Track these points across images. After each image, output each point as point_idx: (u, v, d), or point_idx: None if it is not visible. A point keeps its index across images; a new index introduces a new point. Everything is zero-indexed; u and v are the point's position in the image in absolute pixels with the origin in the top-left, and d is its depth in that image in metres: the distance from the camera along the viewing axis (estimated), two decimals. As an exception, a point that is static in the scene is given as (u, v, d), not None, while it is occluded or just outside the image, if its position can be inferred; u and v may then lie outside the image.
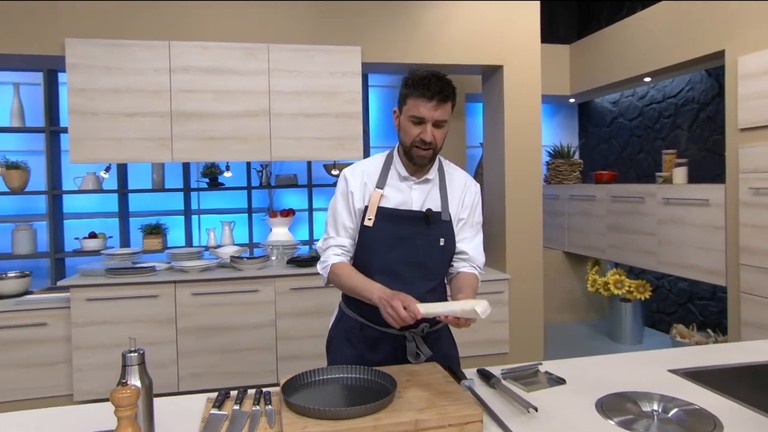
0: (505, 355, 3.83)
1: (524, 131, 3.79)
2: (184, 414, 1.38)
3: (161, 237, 4.20)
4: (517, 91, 3.76)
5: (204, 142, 3.30)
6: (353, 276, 1.58)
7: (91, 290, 3.11)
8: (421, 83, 1.51)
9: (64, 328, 3.14)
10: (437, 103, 1.51)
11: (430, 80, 1.50)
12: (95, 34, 3.16)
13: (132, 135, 3.20)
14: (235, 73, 3.31)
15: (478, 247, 1.73)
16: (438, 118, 1.53)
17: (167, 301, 3.21)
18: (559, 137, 5.61)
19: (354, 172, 1.67)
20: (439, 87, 1.50)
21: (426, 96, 1.50)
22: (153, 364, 3.21)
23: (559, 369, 1.65)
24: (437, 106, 1.51)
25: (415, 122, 1.54)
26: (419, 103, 1.51)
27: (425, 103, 1.50)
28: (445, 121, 1.56)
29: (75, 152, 3.14)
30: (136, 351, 1.20)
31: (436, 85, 1.50)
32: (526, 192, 3.83)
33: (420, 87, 1.50)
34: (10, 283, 3.33)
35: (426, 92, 1.50)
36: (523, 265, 3.85)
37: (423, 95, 1.50)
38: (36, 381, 3.13)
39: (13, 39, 3.13)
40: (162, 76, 3.21)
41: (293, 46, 3.38)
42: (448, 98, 1.53)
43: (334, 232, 1.67)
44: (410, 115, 1.54)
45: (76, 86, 3.12)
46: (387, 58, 3.56)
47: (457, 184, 1.71)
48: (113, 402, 1.12)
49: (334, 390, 1.39)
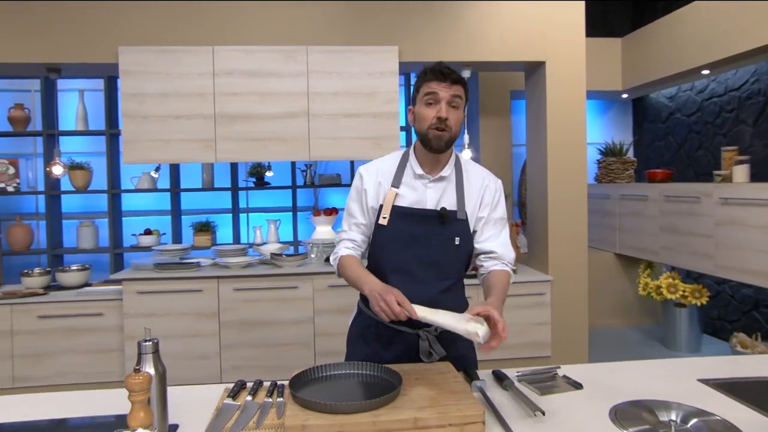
0: (546, 359, 3.73)
1: (568, 128, 3.67)
2: (199, 402, 1.44)
3: (210, 234, 4.39)
4: (560, 88, 3.64)
5: (246, 143, 3.41)
6: (355, 268, 1.59)
7: (141, 284, 3.29)
8: (432, 69, 1.56)
9: (117, 318, 3.35)
10: (450, 84, 1.54)
11: (440, 66, 1.56)
12: (145, 42, 3.34)
13: (179, 136, 3.36)
14: (276, 76, 3.41)
15: (505, 243, 1.69)
16: (453, 94, 1.54)
17: (211, 295, 3.35)
18: (611, 134, 5.39)
19: (369, 171, 1.68)
20: (451, 70, 1.56)
21: (439, 76, 1.54)
22: (197, 356, 3.37)
23: (578, 373, 1.60)
24: (450, 86, 1.54)
25: (430, 102, 1.55)
26: (433, 84, 1.55)
27: (438, 83, 1.54)
28: (459, 99, 1.57)
29: (127, 153, 3.34)
30: (150, 340, 1.26)
31: (446, 69, 1.55)
32: (569, 191, 3.71)
33: (432, 71, 1.55)
34: (72, 276, 3.58)
35: (438, 74, 1.54)
36: (566, 267, 3.73)
37: (435, 77, 1.54)
38: (92, 367, 3.36)
39: (76, 49, 3.36)
40: (206, 80, 3.35)
41: (331, 47, 3.44)
42: (460, 81, 1.57)
43: (347, 226, 1.70)
44: (425, 94, 1.56)
45: (128, 91, 3.31)
46: (425, 57, 3.54)
47: (475, 181, 1.68)
48: (127, 387, 1.19)
49: (341, 385, 1.42)
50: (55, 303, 3.33)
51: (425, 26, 3.54)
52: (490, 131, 4.68)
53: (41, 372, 3.33)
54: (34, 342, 3.32)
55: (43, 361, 3.33)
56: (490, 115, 4.67)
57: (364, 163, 1.76)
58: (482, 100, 4.63)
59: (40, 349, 3.33)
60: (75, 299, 3.35)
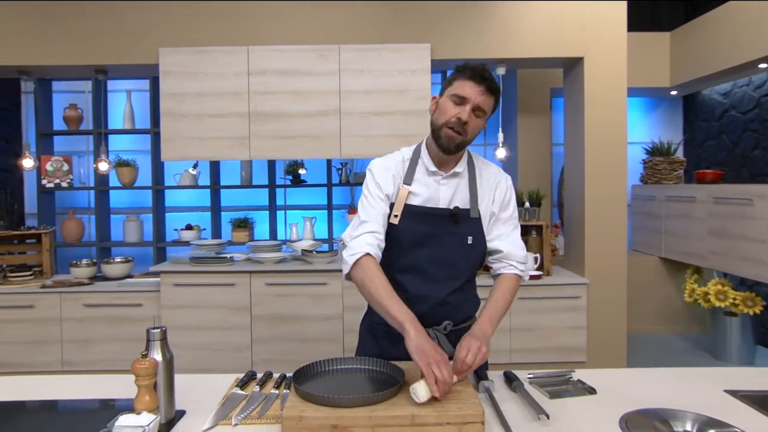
0: (581, 364, 3.61)
1: (607, 127, 3.54)
2: (209, 390, 1.48)
3: (248, 230, 4.49)
4: (600, 84, 3.52)
5: (279, 141, 3.48)
6: (382, 284, 1.44)
7: (178, 276, 3.41)
8: (473, 69, 1.50)
9: (155, 309, 3.48)
10: (485, 90, 1.48)
11: (483, 69, 1.50)
12: (184, 43, 3.46)
13: (215, 134, 3.47)
14: (309, 75, 3.46)
15: (515, 242, 1.65)
16: (480, 104, 1.49)
17: (243, 289, 3.43)
18: (658, 133, 5.16)
19: (382, 165, 1.63)
20: (490, 78, 1.50)
21: (477, 78, 1.48)
22: (230, 348, 3.46)
23: (594, 378, 1.54)
24: (484, 92, 1.49)
25: (457, 102, 1.50)
26: (466, 84, 1.49)
27: (473, 86, 1.48)
28: (484, 113, 1.52)
29: (166, 151, 3.48)
30: (158, 328, 1.30)
31: (487, 74, 1.49)
32: (608, 192, 3.57)
33: (471, 71, 1.49)
34: (115, 267, 3.75)
35: (476, 76, 1.48)
36: (604, 270, 3.60)
37: (473, 78, 1.48)
38: (132, 354, 3.46)
39: (120, 51, 3.53)
40: (241, 79, 3.44)
41: (363, 46, 3.46)
42: (495, 92, 1.51)
43: (366, 216, 1.55)
44: (453, 94, 1.50)
45: (167, 91, 3.44)
46: (458, 55, 3.50)
47: (488, 179, 1.64)
48: (133, 371, 1.24)
49: (345, 380, 1.42)
50: (100, 293, 3.51)
51: (458, 23, 3.50)
52: (528, 130, 4.57)
53: (87, 357, 3.51)
54: (81, 329, 3.50)
55: (89, 347, 3.51)
56: (529, 114, 4.56)
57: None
58: (521, 97, 4.54)
59: (86, 336, 3.51)
60: (117, 290, 3.51)
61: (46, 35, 3.52)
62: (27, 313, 3.49)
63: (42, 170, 4.32)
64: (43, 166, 4.31)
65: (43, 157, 4.32)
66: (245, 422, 1.28)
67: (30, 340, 3.48)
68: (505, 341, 3.54)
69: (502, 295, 1.58)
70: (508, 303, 1.60)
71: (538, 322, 3.55)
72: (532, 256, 3.67)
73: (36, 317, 3.49)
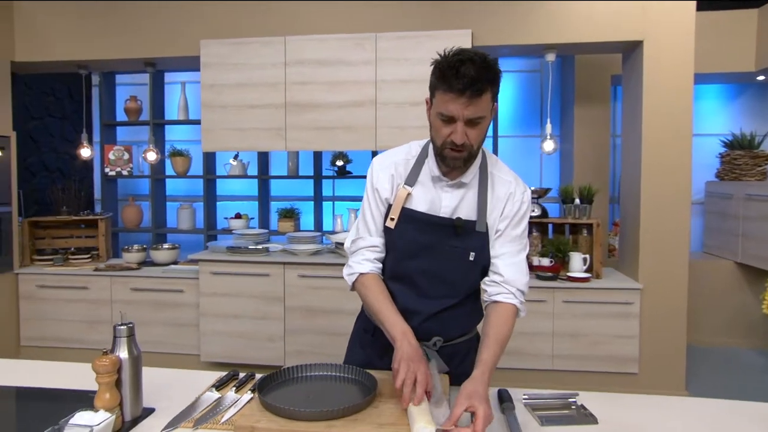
0: (633, 377, 3.33)
1: (669, 117, 3.19)
2: (184, 388, 1.45)
3: (294, 221, 4.52)
4: (661, 70, 3.18)
5: (314, 132, 3.45)
6: (379, 299, 1.40)
7: (215, 265, 3.49)
8: (449, 72, 1.22)
9: (195, 296, 3.59)
10: (469, 99, 1.22)
11: (459, 69, 1.21)
12: (224, 35, 3.50)
13: (252, 125, 3.49)
14: (345, 64, 3.38)
15: (519, 266, 1.43)
16: (471, 116, 1.25)
17: (277, 280, 3.45)
18: (740, 124, 4.63)
19: (383, 164, 1.49)
20: (472, 78, 1.21)
21: (455, 89, 1.22)
22: (263, 338, 3.50)
23: (599, 404, 1.36)
24: (469, 103, 1.23)
25: (445, 120, 1.28)
26: (447, 99, 1.25)
27: (454, 99, 1.23)
28: (482, 118, 1.27)
29: (206, 141, 3.55)
30: (125, 324, 1.29)
31: (467, 76, 1.20)
32: (668, 188, 3.24)
33: (448, 78, 1.23)
34: (162, 254, 3.91)
35: (455, 84, 1.22)
36: (661, 274, 3.28)
37: (451, 88, 1.22)
38: (173, 339, 3.64)
39: (165, 44, 3.63)
40: (278, 70, 3.43)
41: (400, 33, 3.33)
42: (484, 90, 1.23)
43: (365, 230, 1.48)
44: (438, 112, 1.29)
45: (208, 82, 3.51)
46: (502, 41, 3.30)
47: (501, 189, 1.44)
48: (93, 369, 1.23)
49: (319, 388, 1.33)
50: (145, 278, 3.67)
51: (501, 7, 3.29)
52: (586, 121, 4.26)
53: (133, 339, 3.68)
54: (128, 311, 3.68)
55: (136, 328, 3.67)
56: (588, 103, 4.24)
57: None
58: (579, 86, 4.22)
59: (133, 318, 3.66)
60: (161, 275, 3.65)
61: (99, 31, 3.69)
62: (82, 293, 3.71)
63: (105, 159, 4.58)
64: (105, 156, 4.57)
65: (106, 146, 4.58)
66: (207, 426, 1.25)
67: (84, 319, 3.71)
68: (546, 346, 3.33)
69: (497, 336, 1.35)
70: (505, 344, 1.36)
71: (583, 327, 3.30)
72: (580, 256, 3.42)
73: (90, 298, 3.70)
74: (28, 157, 4.57)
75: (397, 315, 1.37)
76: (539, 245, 3.64)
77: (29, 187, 4.54)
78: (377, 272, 1.47)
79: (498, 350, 1.33)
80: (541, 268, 3.41)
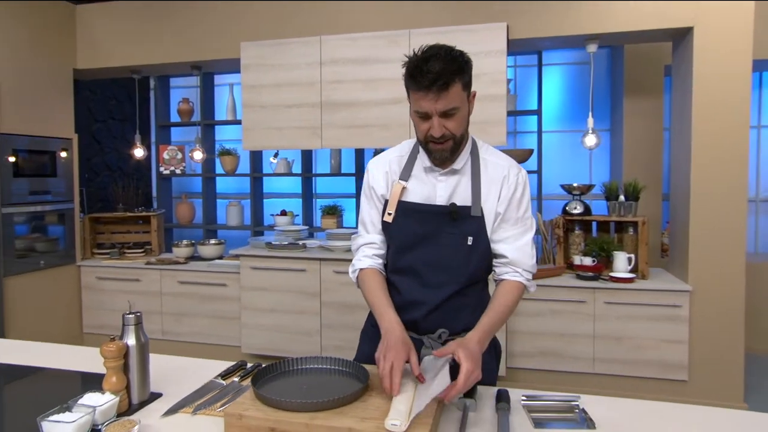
0: (682, 384, 3.15)
1: (723, 108, 2.98)
2: (194, 376, 1.52)
3: (336, 217, 4.60)
4: (714, 58, 2.97)
5: (350, 130, 3.48)
6: (375, 293, 1.46)
7: (254, 260, 3.61)
8: (416, 71, 1.29)
9: (237, 290, 3.72)
10: (437, 93, 1.28)
11: (422, 67, 1.27)
12: (263, 37, 3.60)
13: (289, 124, 3.57)
14: (379, 62, 3.39)
15: (523, 248, 1.46)
16: (443, 109, 1.30)
17: (314, 276, 3.52)
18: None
19: (377, 162, 1.56)
20: (436, 73, 1.26)
21: (422, 88, 1.28)
22: (300, 332, 3.58)
23: (602, 408, 1.30)
24: (438, 97, 1.28)
25: (421, 117, 1.35)
26: (419, 97, 1.31)
27: (424, 96, 1.29)
28: (455, 109, 1.32)
29: (246, 140, 3.67)
30: (133, 313, 1.36)
31: (431, 73, 1.26)
32: (722, 184, 3.03)
33: (415, 76, 1.29)
34: (209, 249, 4.08)
35: (422, 81, 1.28)
36: (713, 276, 3.07)
37: (419, 86, 1.29)
38: (216, 330, 3.80)
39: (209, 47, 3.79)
40: (314, 69, 3.49)
41: (434, 29, 3.30)
42: (451, 83, 1.28)
43: (363, 229, 1.57)
44: (414, 110, 1.36)
45: (248, 83, 3.62)
46: (540, 33, 3.19)
47: (495, 173, 1.46)
48: (101, 354, 1.31)
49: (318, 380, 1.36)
50: (192, 272, 3.84)
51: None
52: (637, 113, 4.04)
53: (181, 329, 3.88)
54: (177, 303, 3.87)
55: (183, 320, 3.87)
56: (638, 95, 4.03)
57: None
58: (628, 76, 4.02)
59: (181, 310, 3.88)
60: (206, 269, 3.82)
61: (150, 36, 3.91)
62: (135, 285, 3.94)
63: (160, 158, 4.83)
64: (160, 155, 4.82)
65: (161, 146, 4.83)
66: (205, 413, 1.30)
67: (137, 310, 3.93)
68: (587, 348, 3.20)
69: (500, 306, 1.41)
70: (506, 315, 1.42)
71: (626, 330, 3.15)
72: (625, 256, 3.26)
73: (142, 290, 3.93)
74: (93, 158, 4.90)
75: (388, 307, 1.41)
76: (582, 244, 3.51)
77: (93, 186, 4.88)
78: (377, 267, 1.53)
79: (496, 318, 1.38)
80: (582, 268, 3.29)
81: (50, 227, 3.90)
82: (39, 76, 3.76)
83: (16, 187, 3.58)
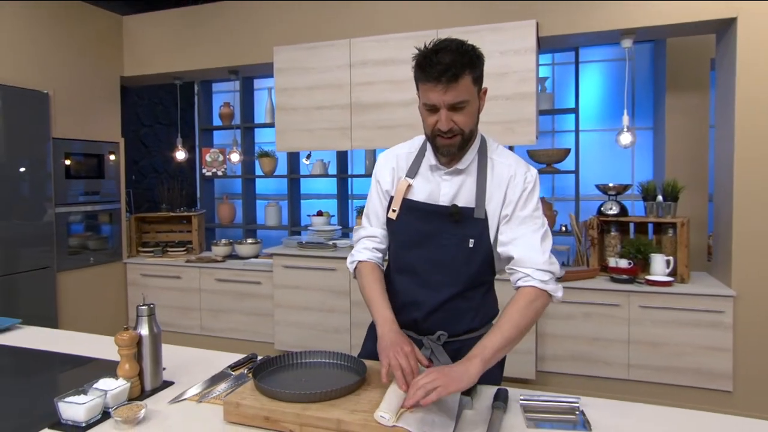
0: (726, 395, 2.99)
1: (767, 104, 2.82)
2: (203, 366, 1.58)
3: (370, 218, 4.64)
4: (758, 51, 2.81)
5: (378, 131, 3.51)
6: (372, 287, 1.46)
7: (286, 259, 3.69)
8: (425, 62, 1.29)
9: (270, 288, 3.82)
10: (446, 85, 1.27)
11: (431, 59, 1.28)
12: (295, 41, 3.69)
13: (320, 126, 3.64)
14: (407, 63, 3.36)
15: (533, 247, 1.37)
16: (452, 102, 1.29)
17: (343, 275, 3.57)
18: None
19: (386, 157, 1.57)
20: (447, 65, 1.25)
21: (431, 79, 1.28)
22: (330, 329, 3.63)
23: (602, 411, 1.26)
24: (447, 89, 1.27)
25: (429, 110, 1.34)
26: (427, 89, 1.31)
27: (432, 88, 1.29)
28: (464, 101, 1.31)
29: (279, 142, 3.77)
30: (147, 305, 1.44)
31: (440, 64, 1.26)
32: (767, 184, 2.86)
33: (424, 67, 1.29)
34: (245, 248, 4.21)
35: (431, 73, 1.28)
36: (759, 280, 2.90)
37: (428, 77, 1.29)
38: (251, 327, 3.91)
39: (246, 52, 3.91)
40: (343, 72, 3.55)
41: (462, 28, 3.28)
42: (461, 75, 1.27)
43: (366, 221, 1.59)
44: (423, 103, 1.35)
45: (281, 86, 3.72)
46: (571, 29, 3.12)
47: (501, 174, 1.42)
48: (115, 342, 1.39)
49: (310, 374, 1.40)
50: (229, 270, 3.97)
51: (569, -7, 3.11)
52: (680, 110, 3.87)
53: (219, 325, 4.02)
54: (214, 300, 4.01)
55: (220, 316, 4.01)
56: (682, 91, 3.85)
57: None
58: (671, 71, 3.85)
59: (218, 306, 4.01)
60: (242, 268, 3.94)
61: (189, 43, 4.09)
62: (176, 282, 4.11)
63: (202, 161, 5.02)
64: (203, 158, 5.01)
65: (204, 149, 5.02)
66: (210, 401, 1.35)
67: (178, 305, 4.11)
68: (621, 353, 3.09)
69: (507, 319, 1.30)
70: (517, 327, 1.28)
71: (664, 336, 3.02)
72: (663, 258, 3.14)
73: (182, 287, 4.10)
74: (140, 161, 5.15)
75: (383, 302, 1.41)
76: (618, 246, 3.39)
77: (141, 187, 5.12)
78: (375, 261, 1.54)
79: (499, 337, 1.26)
80: (617, 270, 3.18)
81: (100, 226, 4.14)
82: (89, 84, 4.00)
83: (68, 188, 3.81)
